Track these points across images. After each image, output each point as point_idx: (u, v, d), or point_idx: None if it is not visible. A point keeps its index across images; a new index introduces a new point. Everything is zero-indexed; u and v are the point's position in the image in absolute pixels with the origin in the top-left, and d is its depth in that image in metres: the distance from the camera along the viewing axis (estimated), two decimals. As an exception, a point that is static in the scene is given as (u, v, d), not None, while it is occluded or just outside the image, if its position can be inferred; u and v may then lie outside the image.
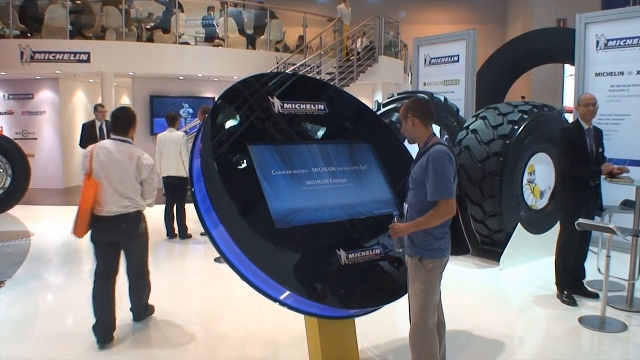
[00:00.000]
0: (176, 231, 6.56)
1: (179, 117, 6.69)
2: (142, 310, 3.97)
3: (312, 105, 3.27)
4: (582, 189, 4.17)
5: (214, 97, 11.44)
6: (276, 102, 3.13)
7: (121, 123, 3.61)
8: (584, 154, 4.17)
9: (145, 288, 3.92)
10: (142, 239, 3.65)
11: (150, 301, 4.20)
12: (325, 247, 2.80)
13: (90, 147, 3.58)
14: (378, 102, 6.90)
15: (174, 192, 6.48)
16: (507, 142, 5.26)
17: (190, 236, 6.57)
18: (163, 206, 6.45)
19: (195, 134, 4.00)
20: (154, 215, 6.05)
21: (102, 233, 3.47)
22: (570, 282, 4.40)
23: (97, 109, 7.14)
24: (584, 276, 4.52)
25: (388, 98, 6.87)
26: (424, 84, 8.04)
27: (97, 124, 7.06)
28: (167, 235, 6.53)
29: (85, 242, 6.09)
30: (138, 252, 3.69)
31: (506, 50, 10.72)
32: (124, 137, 3.60)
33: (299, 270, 2.64)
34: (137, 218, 3.56)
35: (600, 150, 4.29)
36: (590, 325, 3.86)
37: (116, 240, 3.55)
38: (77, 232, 3.44)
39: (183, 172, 6.28)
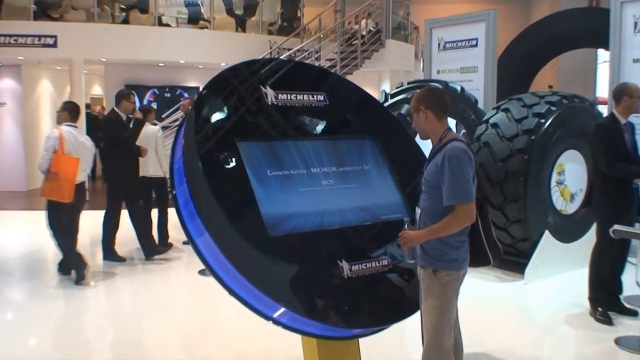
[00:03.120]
0: (156, 239, 6.54)
1: (153, 110, 6.67)
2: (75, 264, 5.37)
3: (311, 96, 3.27)
4: (623, 192, 4.16)
5: (198, 87, 11.44)
6: (269, 93, 3.12)
7: (77, 113, 5.41)
8: (624, 152, 4.16)
9: (75, 242, 5.43)
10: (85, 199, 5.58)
11: (125, 319, 4.18)
12: (326, 258, 2.80)
13: (56, 131, 5.16)
14: (385, 93, 6.90)
15: (153, 194, 6.46)
16: (533, 137, 5.26)
17: (171, 245, 6.56)
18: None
19: (176, 128, 4.03)
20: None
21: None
22: (606, 298, 4.40)
23: (130, 98, 6.14)
24: (620, 291, 4.52)
25: (397, 88, 6.87)
26: (438, 72, 8.04)
27: (123, 117, 6.01)
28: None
29: (52, 254, 6.09)
30: (81, 211, 5.46)
31: (531, 34, 10.74)
32: (76, 124, 5.38)
33: (295, 284, 2.63)
34: (85, 184, 5.50)
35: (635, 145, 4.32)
36: (629, 346, 3.86)
37: (76, 201, 5.18)
38: (69, 197, 5.02)
39: (160, 172, 6.26)
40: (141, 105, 10.25)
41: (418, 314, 2.77)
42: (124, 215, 6.06)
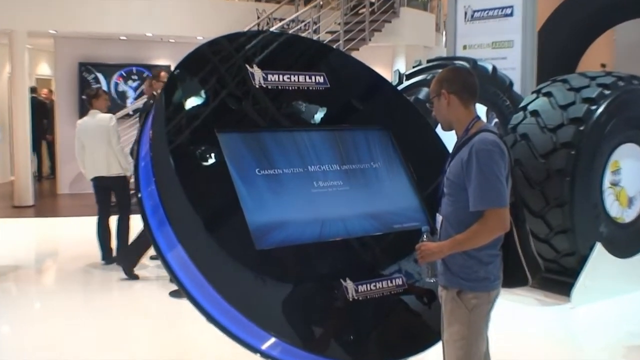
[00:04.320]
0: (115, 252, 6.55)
1: (104, 94, 6.68)
2: None
3: (308, 78, 3.28)
4: None
5: (170, 65, 11.45)
6: (257, 73, 3.14)
7: None
8: None
9: None
10: None
11: (80, 352, 4.16)
12: (326, 276, 2.81)
13: None
14: (399, 73, 6.92)
15: (109, 197, 6.48)
16: (582, 128, 5.27)
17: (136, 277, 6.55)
18: (95, 218, 6.45)
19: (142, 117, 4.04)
20: (83, 233, 6.06)
21: None
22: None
23: (160, 76, 6.25)
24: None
25: (413, 67, 6.88)
26: (464, 48, 8.05)
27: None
28: (102, 259, 6.54)
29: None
30: None
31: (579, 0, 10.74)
32: None
33: (289, 309, 2.64)
34: None
35: None
36: (699, 385, 3.87)
37: None
38: None
39: (118, 169, 6.26)
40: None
41: (439, 345, 2.78)
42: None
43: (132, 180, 6.41)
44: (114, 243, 6.49)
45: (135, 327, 4.99)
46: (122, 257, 6.45)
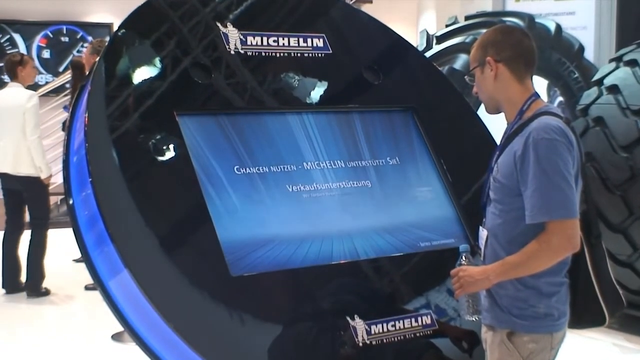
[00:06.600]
0: (23, 278, 6.52)
1: (29, 62, 6.61)
2: None
3: (302, 41, 3.29)
4: None
5: (112, 24, 11.45)
6: (232, 35, 3.15)
7: None
8: None
9: None
10: None
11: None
12: (328, 313, 2.82)
13: None
14: (427, 34, 6.93)
15: (20, 205, 6.51)
16: (678, 110, 5.28)
17: (47, 293, 6.55)
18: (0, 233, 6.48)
19: (73, 96, 4.02)
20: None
21: None
22: None
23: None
24: None
25: (447, 26, 6.89)
26: (517, -1, 8.07)
27: None
28: (3, 287, 6.51)
29: None
30: None
31: None
32: None
33: (276, 357, 2.65)
34: None
35: None
36: None
37: None
38: None
39: (29, 168, 6.19)
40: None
41: (483, 407, 2.79)
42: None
43: (51, 183, 6.45)
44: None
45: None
46: (33, 284, 6.46)
